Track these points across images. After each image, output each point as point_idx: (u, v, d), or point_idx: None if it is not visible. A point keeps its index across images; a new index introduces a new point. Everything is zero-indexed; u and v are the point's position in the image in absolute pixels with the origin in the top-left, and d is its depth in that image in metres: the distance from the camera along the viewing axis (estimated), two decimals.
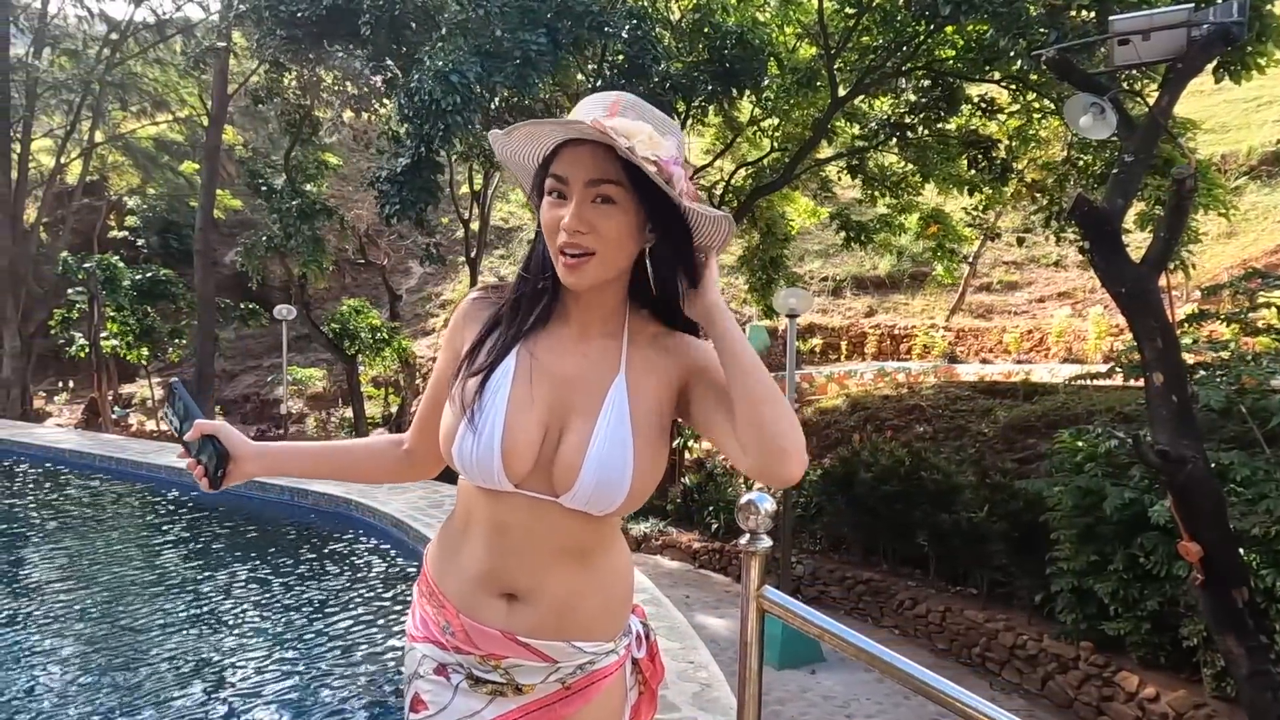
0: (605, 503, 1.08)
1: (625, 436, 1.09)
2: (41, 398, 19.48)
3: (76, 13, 19.34)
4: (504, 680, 1.14)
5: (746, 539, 1.36)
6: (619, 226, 1.06)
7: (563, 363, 1.14)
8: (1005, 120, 9.98)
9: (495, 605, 1.14)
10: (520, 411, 1.10)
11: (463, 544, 1.17)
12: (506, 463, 1.08)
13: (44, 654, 4.04)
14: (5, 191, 16.76)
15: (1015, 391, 10.26)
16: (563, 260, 1.07)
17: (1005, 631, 6.28)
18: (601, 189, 1.04)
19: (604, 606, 1.17)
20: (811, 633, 1.29)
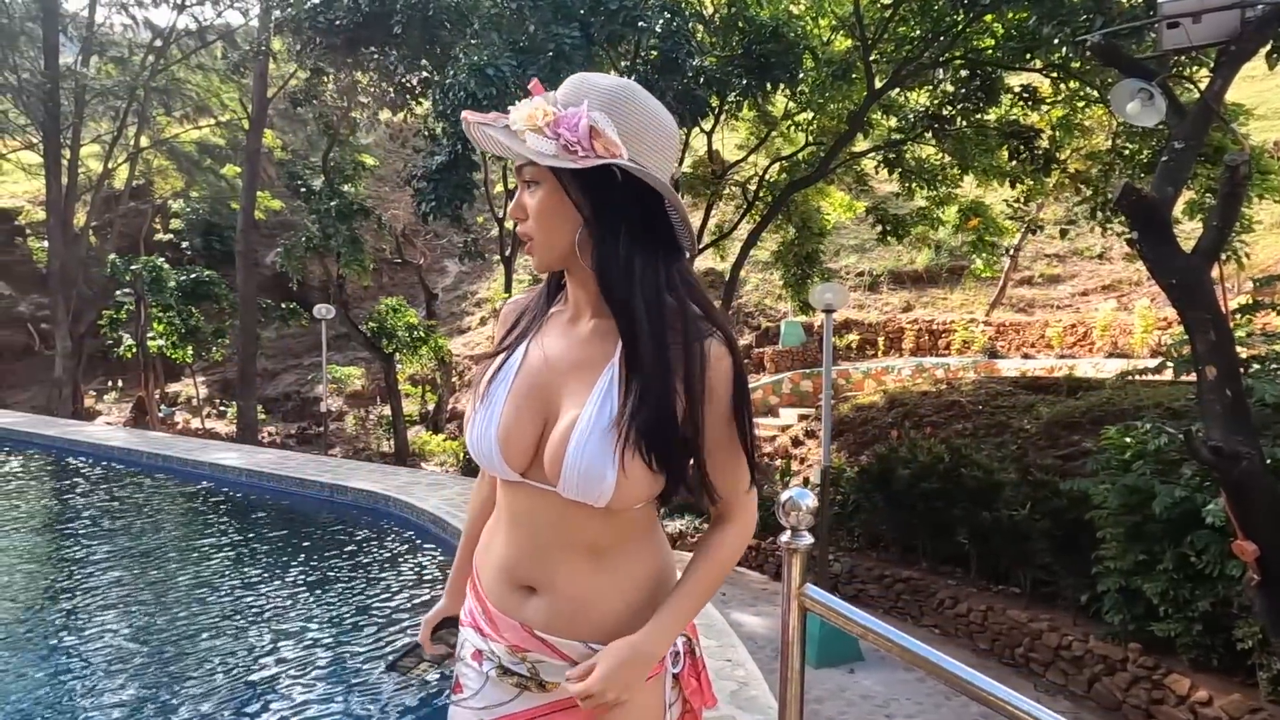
0: (595, 493, 1.05)
1: (609, 419, 1.05)
2: (91, 396, 20.03)
3: (122, 21, 19.83)
4: (530, 674, 1.15)
5: (788, 536, 1.34)
6: (542, 202, 1.09)
7: (558, 345, 1.15)
8: (1047, 110, 9.75)
9: (517, 597, 1.16)
10: (518, 401, 1.12)
11: (494, 536, 1.22)
12: (504, 453, 1.11)
13: (95, 641, 4.14)
14: (56, 196, 17.26)
15: (1058, 387, 10.03)
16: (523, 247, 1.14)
17: (1050, 632, 6.15)
18: (524, 173, 1.10)
19: (624, 610, 1.14)
20: (854, 631, 1.26)
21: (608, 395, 1.07)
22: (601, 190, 1.06)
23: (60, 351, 17.01)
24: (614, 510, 1.09)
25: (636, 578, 1.15)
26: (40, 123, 17.77)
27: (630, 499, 1.08)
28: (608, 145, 1.03)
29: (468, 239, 11.55)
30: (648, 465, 1.05)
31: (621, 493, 1.05)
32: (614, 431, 1.05)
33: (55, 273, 17.11)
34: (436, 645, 1.38)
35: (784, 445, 11.77)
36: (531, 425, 1.11)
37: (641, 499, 1.09)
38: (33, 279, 21.04)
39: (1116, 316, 13.98)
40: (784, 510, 1.32)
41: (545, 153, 1.03)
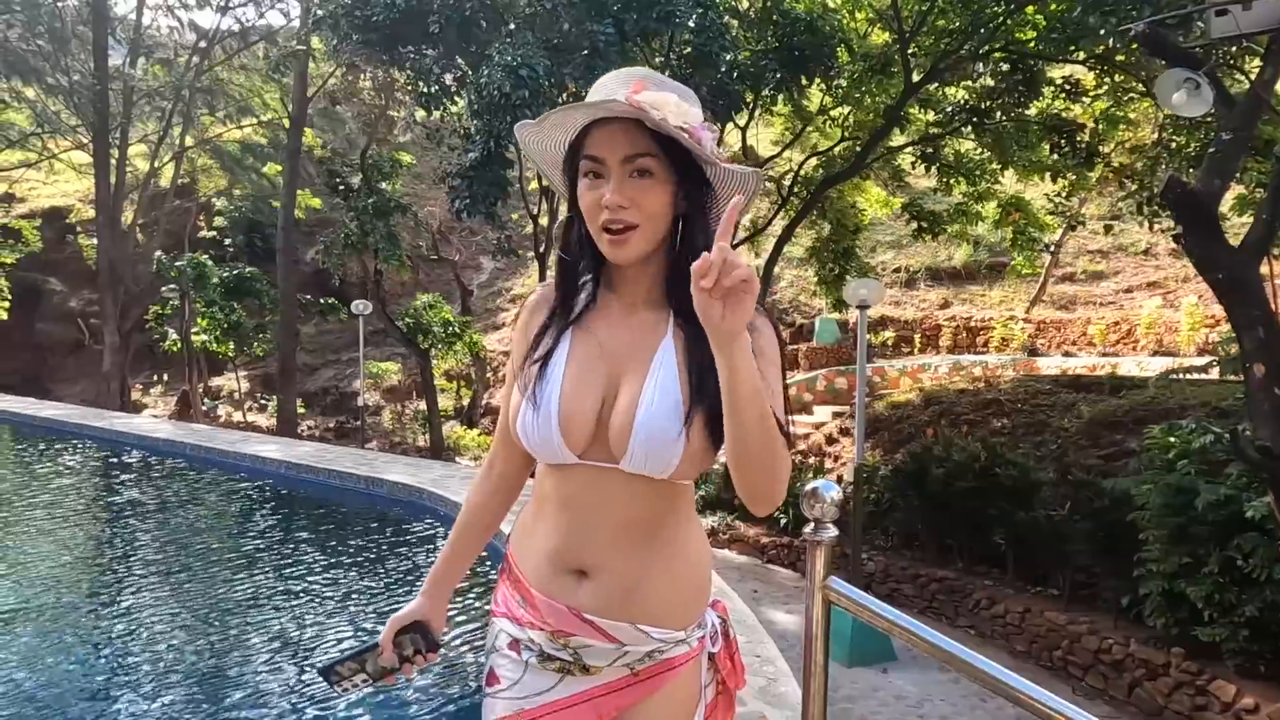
0: (662, 461, 1.08)
1: (675, 393, 1.09)
2: (139, 390, 20.56)
3: (168, 23, 20.32)
4: (572, 659, 1.15)
5: (811, 528, 1.33)
6: (658, 197, 1.09)
7: (614, 334, 1.16)
8: (1090, 102, 9.53)
9: (566, 581, 1.16)
10: (575, 384, 1.13)
11: (537, 524, 1.21)
12: (565, 433, 1.11)
13: (140, 623, 4.26)
14: (105, 195, 17.73)
15: (1101, 385, 9.82)
16: (606, 237, 1.10)
17: (1089, 635, 6.02)
18: (638, 163, 1.08)
19: (673, 592, 1.16)
20: (881, 626, 1.25)
21: (668, 370, 1.11)
22: (702, 188, 1.13)
23: (109, 346, 17.48)
24: (670, 485, 1.12)
25: (685, 557, 1.18)
26: (90, 123, 18.27)
27: (691, 470, 1.11)
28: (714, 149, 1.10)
29: (502, 235, 11.64)
30: (709, 434, 1.08)
31: (684, 463, 1.09)
32: (680, 402, 1.08)
33: (104, 269, 17.59)
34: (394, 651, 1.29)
35: (818, 443, 11.68)
36: (590, 406, 1.12)
37: (698, 471, 1.12)
38: (83, 276, 21.66)
39: (1162, 314, 13.64)
40: (808, 502, 1.30)
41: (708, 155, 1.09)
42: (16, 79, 19.13)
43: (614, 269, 1.17)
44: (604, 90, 1.11)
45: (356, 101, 13.35)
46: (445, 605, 1.34)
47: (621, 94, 1.06)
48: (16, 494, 7.80)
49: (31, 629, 4.24)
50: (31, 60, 18.50)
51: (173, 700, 3.42)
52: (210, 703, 3.39)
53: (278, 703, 3.41)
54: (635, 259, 1.12)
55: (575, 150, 1.13)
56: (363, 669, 1.30)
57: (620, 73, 1.14)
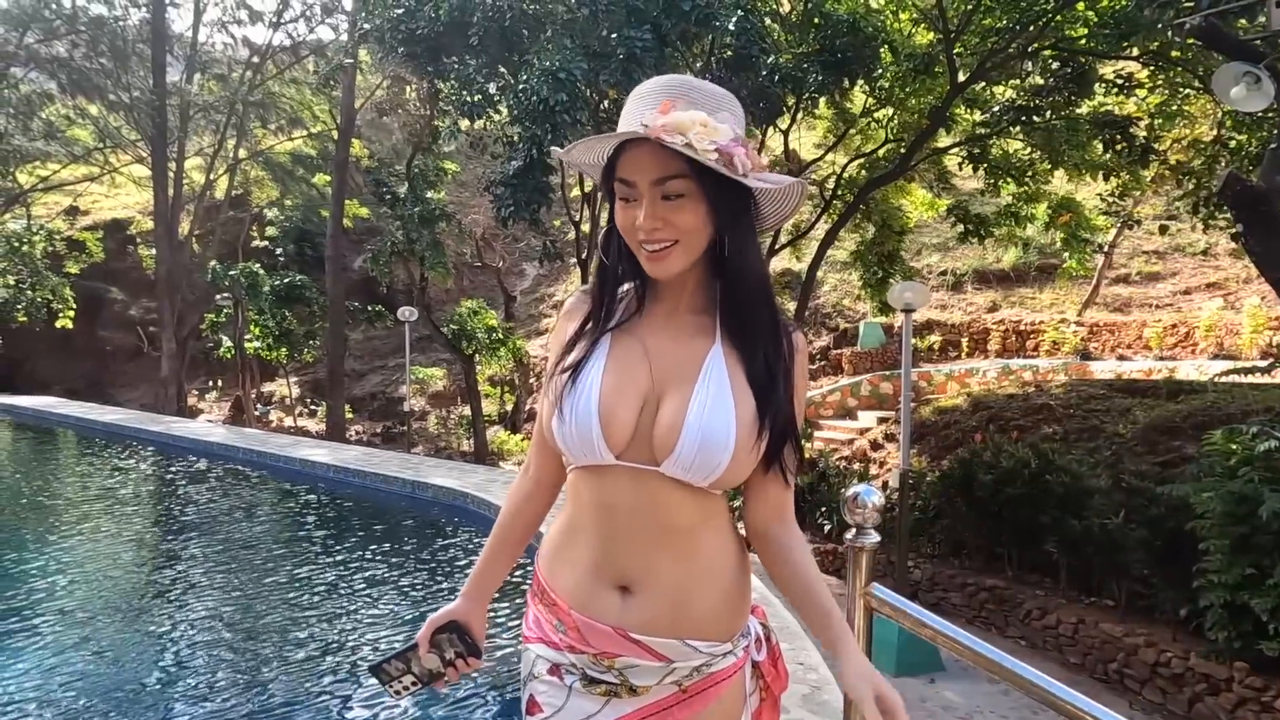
0: (708, 467, 1.07)
1: (726, 399, 1.09)
2: (194, 395, 21.17)
3: (223, 39, 20.94)
4: (618, 681, 1.12)
5: (853, 533, 1.31)
6: (692, 217, 1.08)
7: (657, 338, 1.15)
8: (1145, 98, 9.27)
9: (609, 599, 1.13)
10: (616, 381, 1.12)
11: (573, 537, 1.18)
12: (605, 430, 1.10)
13: (195, 619, 4.38)
14: (163, 207, 18.32)
15: (1157, 390, 9.52)
16: (645, 254, 1.10)
17: (1146, 647, 5.83)
18: (668, 186, 1.06)
19: (720, 601, 1.14)
20: (924, 634, 1.22)
21: (719, 378, 1.10)
22: (741, 202, 1.11)
23: (166, 353, 18.04)
24: (706, 494, 1.11)
25: (727, 567, 1.16)
26: (149, 137, 18.90)
27: (735, 477, 1.11)
28: (754, 160, 1.07)
29: (545, 242, 11.73)
30: (758, 446, 1.09)
31: (728, 471, 1.08)
32: (732, 410, 1.08)
33: (162, 278, 18.17)
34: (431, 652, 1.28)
35: (862, 448, 11.53)
36: (632, 405, 1.11)
37: (739, 479, 1.12)
38: (142, 285, 22.41)
39: (1222, 316, 13.18)
40: (849, 507, 1.29)
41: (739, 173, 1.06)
42: (81, 96, 19.91)
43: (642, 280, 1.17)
44: (636, 105, 1.10)
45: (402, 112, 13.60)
46: (484, 609, 1.31)
47: (649, 115, 1.05)
48: (80, 495, 8.09)
49: (94, 626, 4.38)
50: (94, 78, 19.22)
51: (224, 693, 3.51)
52: (259, 697, 3.47)
53: (323, 696, 3.47)
54: (675, 273, 1.12)
55: (610, 169, 1.12)
56: (409, 669, 1.29)
57: (653, 85, 1.12)
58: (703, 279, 1.16)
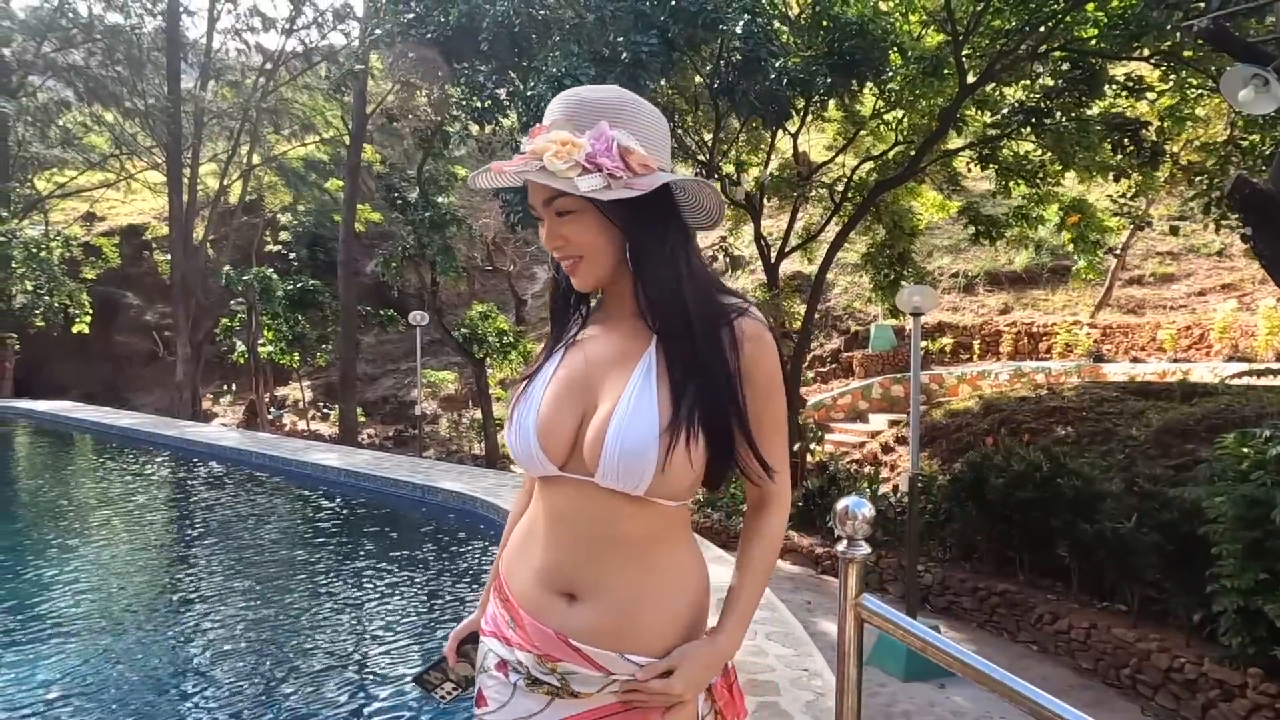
0: (635, 475, 1.06)
1: (650, 405, 1.07)
2: (209, 399, 21.34)
3: (237, 46, 21.11)
4: (559, 684, 1.12)
5: (844, 545, 1.32)
6: (585, 231, 1.12)
7: (598, 348, 1.18)
8: (1156, 99, 9.21)
9: (555, 604, 1.14)
10: (556, 396, 1.15)
11: (529, 542, 1.21)
12: (543, 442, 1.12)
13: (209, 620, 4.42)
14: (178, 212, 18.50)
15: (1171, 392, 9.45)
16: (565, 269, 1.16)
17: (1159, 653, 5.78)
18: (555, 205, 1.12)
19: (668, 617, 1.13)
20: (914, 645, 1.23)
21: (647, 381, 1.10)
22: (638, 204, 1.10)
23: (181, 357, 18.20)
24: (657, 505, 1.10)
25: (680, 584, 1.15)
26: (164, 144, 19.10)
27: (667, 488, 1.09)
28: (642, 161, 1.07)
29: None
30: (689, 450, 1.07)
31: (660, 479, 1.07)
32: (657, 417, 1.07)
33: (177, 283, 18.34)
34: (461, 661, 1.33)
35: (873, 451, 11.49)
36: (570, 416, 1.13)
37: (678, 488, 1.10)
38: (157, 290, 22.63)
39: (1237, 317, 13.05)
40: (840, 519, 1.29)
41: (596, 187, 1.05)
42: (97, 104, 20.15)
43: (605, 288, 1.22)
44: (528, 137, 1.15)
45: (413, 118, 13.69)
46: None
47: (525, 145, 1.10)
48: (97, 500, 8.17)
49: (109, 629, 4.43)
50: (110, 85, 19.46)
51: (239, 695, 3.54)
52: (273, 698, 3.50)
53: (338, 697, 3.50)
54: (595, 285, 1.17)
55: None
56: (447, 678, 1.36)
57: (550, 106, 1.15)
58: (631, 287, 1.17)
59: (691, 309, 1.11)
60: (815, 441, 10.32)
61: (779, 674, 3.37)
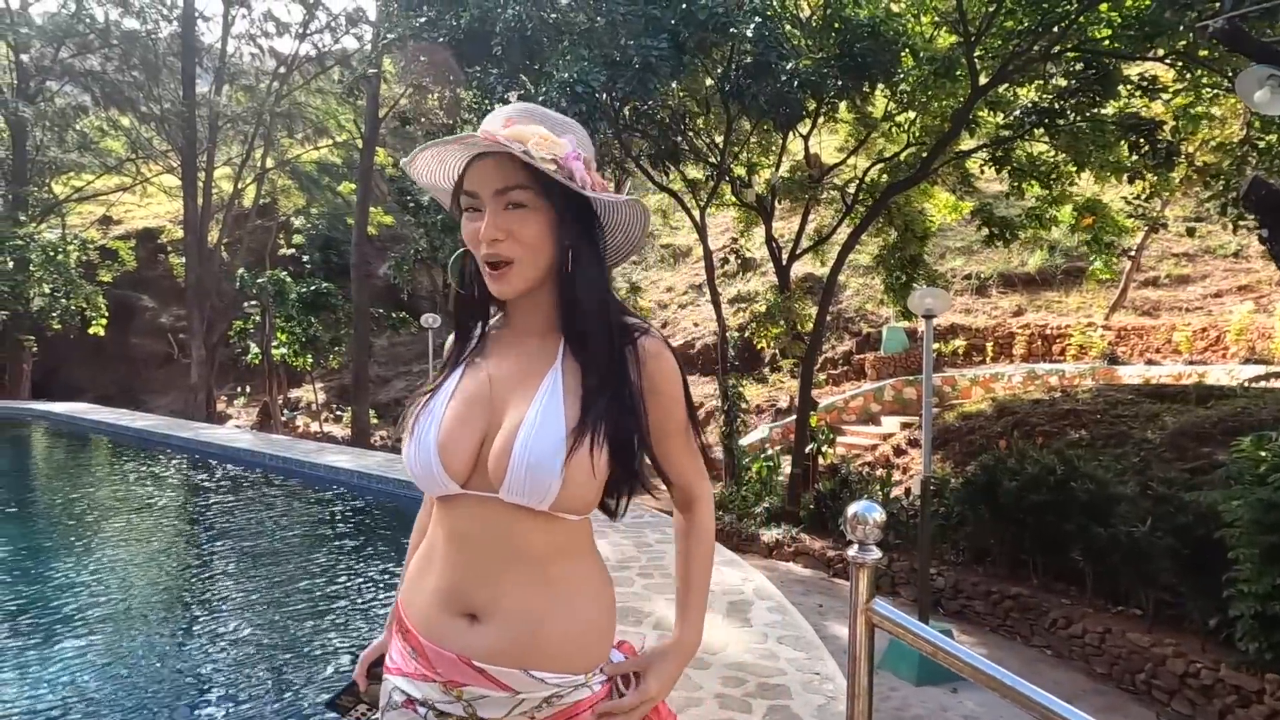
0: (540, 490, 1.06)
1: (557, 421, 1.08)
2: (223, 401, 21.49)
3: (251, 51, 21.26)
4: (466, 714, 1.10)
5: (855, 550, 1.32)
6: (533, 228, 1.10)
7: (502, 364, 1.17)
8: (1170, 99, 9.14)
9: (455, 625, 1.11)
10: (457, 413, 1.13)
11: (427, 566, 1.18)
12: (444, 460, 1.10)
13: (221, 622, 4.45)
14: (193, 216, 18.66)
15: (1187, 395, 9.37)
16: (487, 272, 1.12)
17: (1175, 658, 5.73)
18: (510, 195, 1.09)
19: (571, 632, 1.12)
20: (924, 650, 1.23)
21: (554, 395, 1.10)
22: (583, 218, 1.13)
23: (195, 359, 18.35)
24: (555, 517, 1.10)
25: (584, 597, 1.14)
26: (179, 148, 19.27)
27: (573, 502, 1.09)
28: (601, 181, 1.12)
29: None
30: (592, 458, 1.07)
31: (565, 493, 1.07)
32: (563, 431, 1.07)
33: (192, 286, 18.49)
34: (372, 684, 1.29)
35: (885, 454, 11.45)
36: (472, 434, 1.12)
37: (582, 501, 1.10)
38: (172, 293, 22.81)
39: (1254, 319, 12.94)
40: (851, 525, 1.30)
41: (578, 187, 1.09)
42: (114, 109, 20.35)
43: (509, 302, 1.18)
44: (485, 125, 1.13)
45: (426, 121, 13.75)
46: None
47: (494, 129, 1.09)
48: (113, 501, 8.25)
49: (127, 627, 4.47)
50: (127, 90, 19.65)
51: (253, 692, 3.57)
52: (285, 695, 3.52)
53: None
54: (517, 293, 1.13)
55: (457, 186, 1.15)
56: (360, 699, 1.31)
57: (500, 110, 1.15)
58: (550, 303, 1.17)
59: (613, 324, 1.13)
60: (827, 444, 10.29)
61: (790, 677, 3.37)
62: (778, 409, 14.46)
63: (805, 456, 9.92)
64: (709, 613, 4.16)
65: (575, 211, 1.12)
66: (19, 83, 19.13)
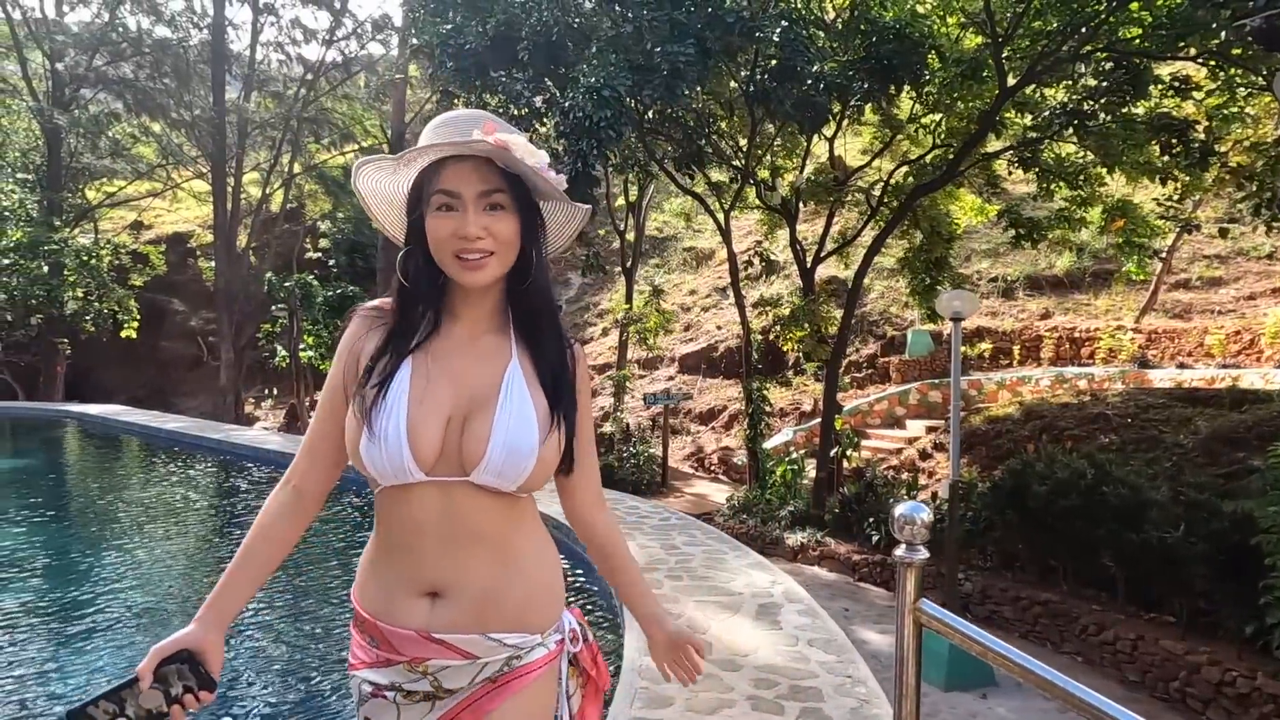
0: (515, 471, 1.15)
1: (528, 409, 1.18)
2: (251, 403, 21.76)
3: (278, 58, 21.53)
4: (433, 687, 1.16)
5: (902, 550, 1.32)
6: (509, 229, 1.18)
7: (458, 360, 1.22)
8: (1203, 100, 9.01)
9: (415, 605, 1.17)
10: (420, 404, 1.17)
11: (384, 557, 1.22)
12: (414, 450, 1.14)
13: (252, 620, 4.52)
14: (222, 220, 18.93)
15: (1220, 398, 9.22)
16: (461, 264, 1.17)
17: (1210, 666, 5.65)
18: (493, 198, 1.17)
19: (528, 596, 1.20)
20: (974, 650, 1.23)
21: (519, 389, 1.20)
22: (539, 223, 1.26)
23: (224, 362, 18.61)
24: (514, 495, 1.19)
25: (537, 564, 1.23)
26: (209, 153, 19.57)
27: (540, 479, 1.20)
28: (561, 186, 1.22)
29: (589, 252, 11.82)
30: (558, 446, 1.21)
31: (536, 472, 1.17)
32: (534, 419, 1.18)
33: (221, 290, 18.76)
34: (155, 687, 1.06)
35: (911, 458, 11.38)
36: (437, 424, 1.16)
37: (543, 480, 1.21)
38: (202, 296, 23.14)
39: None
40: (898, 525, 1.30)
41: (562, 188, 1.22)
42: (145, 115, 20.70)
43: (457, 298, 1.24)
44: (444, 130, 1.18)
45: None
46: (222, 636, 1.17)
47: (476, 134, 1.14)
48: (145, 500, 8.39)
49: (158, 625, 4.55)
50: (158, 97, 19.98)
51: (282, 686, 3.62)
52: (314, 690, 3.57)
53: None
54: (488, 283, 1.20)
55: (421, 187, 1.19)
56: (122, 711, 1.05)
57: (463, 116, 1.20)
58: (499, 302, 1.27)
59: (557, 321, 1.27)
60: (851, 448, 10.24)
61: (822, 680, 3.36)
62: (801, 412, 14.40)
63: (830, 460, 9.88)
64: (737, 615, 4.16)
65: (532, 214, 1.23)
66: (54, 91, 19.52)
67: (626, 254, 15.26)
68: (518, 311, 1.26)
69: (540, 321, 1.25)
